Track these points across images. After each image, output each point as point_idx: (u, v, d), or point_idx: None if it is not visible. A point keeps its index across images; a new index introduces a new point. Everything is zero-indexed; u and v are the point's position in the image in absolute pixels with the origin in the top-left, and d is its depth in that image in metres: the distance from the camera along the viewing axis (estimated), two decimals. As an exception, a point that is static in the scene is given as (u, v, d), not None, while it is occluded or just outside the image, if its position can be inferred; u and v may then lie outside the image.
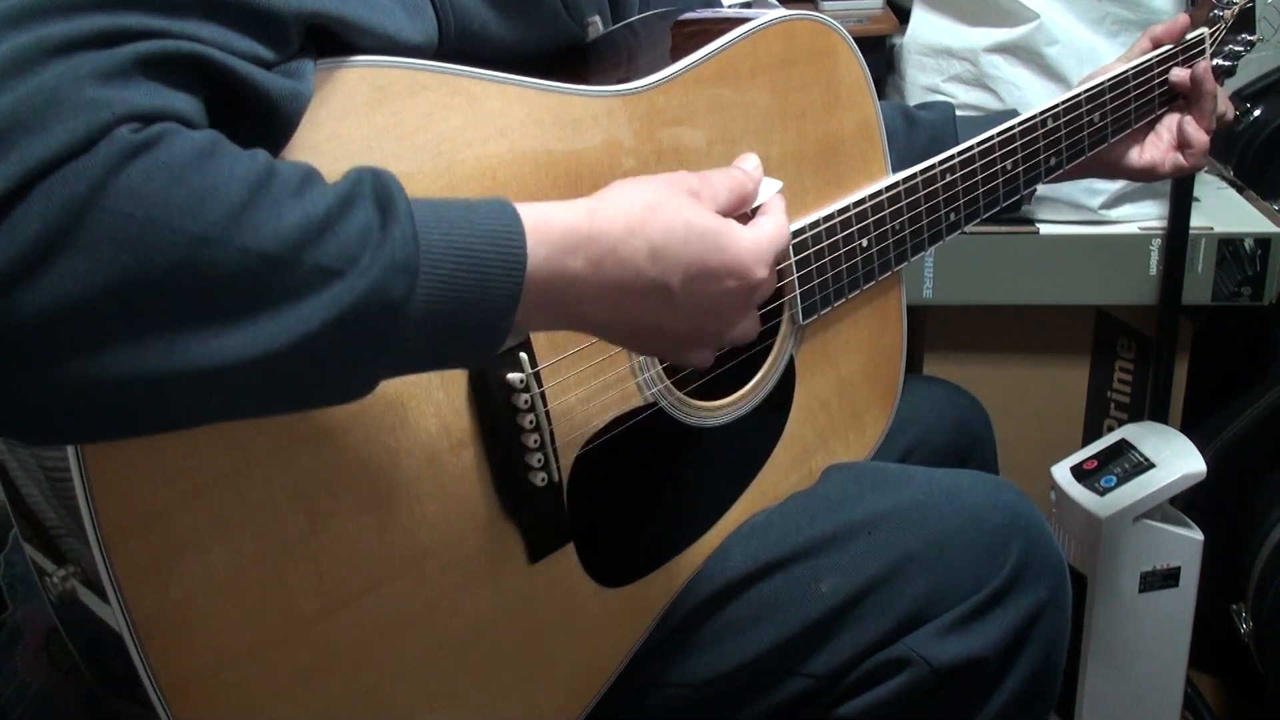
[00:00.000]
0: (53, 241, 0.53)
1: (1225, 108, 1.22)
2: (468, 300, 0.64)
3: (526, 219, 0.67)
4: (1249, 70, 1.86)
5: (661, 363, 0.92)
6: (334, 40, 0.69)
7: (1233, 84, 1.72)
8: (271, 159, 0.61)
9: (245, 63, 0.61)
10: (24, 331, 0.53)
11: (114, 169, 0.54)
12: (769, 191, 0.82)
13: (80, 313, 0.54)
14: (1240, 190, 1.77)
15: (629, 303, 0.72)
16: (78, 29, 0.55)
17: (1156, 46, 1.21)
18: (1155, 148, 1.23)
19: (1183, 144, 1.21)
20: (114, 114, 0.55)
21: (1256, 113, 1.87)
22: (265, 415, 0.66)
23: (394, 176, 0.64)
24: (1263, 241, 1.63)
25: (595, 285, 0.70)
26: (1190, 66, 1.21)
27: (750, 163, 0.82)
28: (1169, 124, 1.23)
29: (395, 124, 0.73)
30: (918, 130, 1.21)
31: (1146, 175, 1.24)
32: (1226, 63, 1.26)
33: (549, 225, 0.68)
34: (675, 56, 0.92)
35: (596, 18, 0.98)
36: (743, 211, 0.79)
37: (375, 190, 0.62)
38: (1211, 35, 1.24)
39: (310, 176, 0.61)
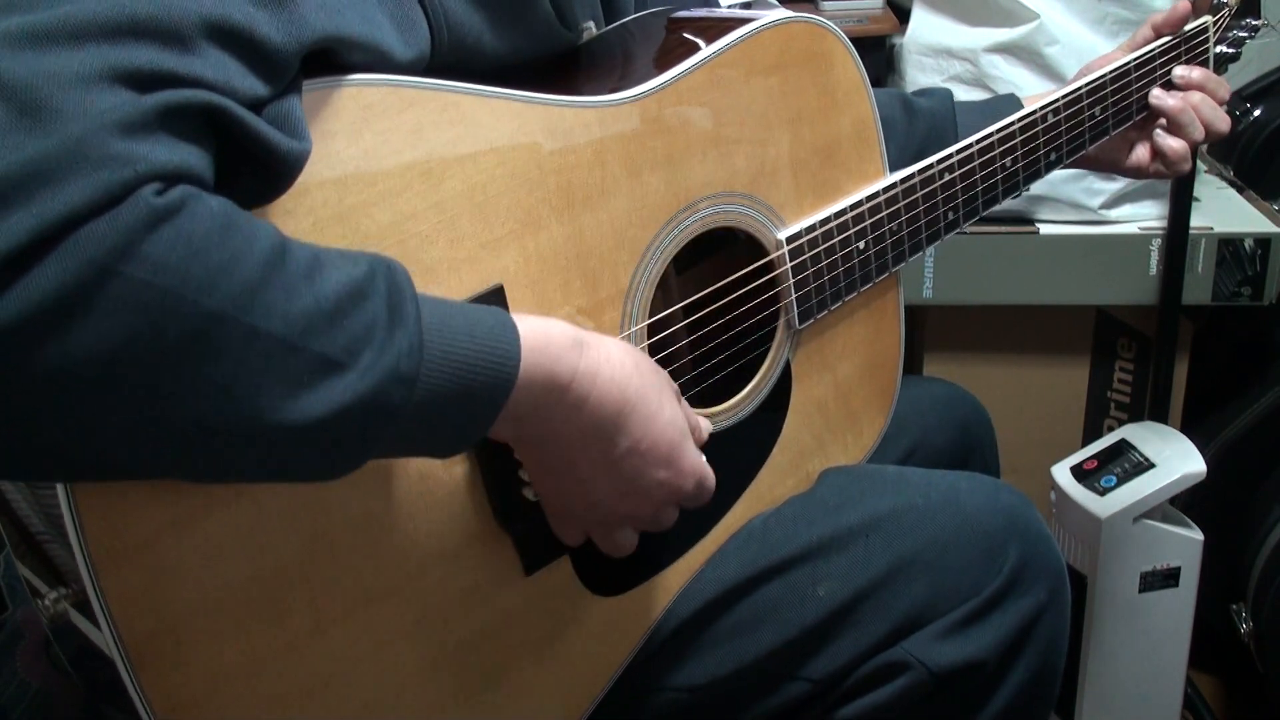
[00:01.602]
0: (70, 302, 0.53)
1: (1217, 120, 1.20)
2: (454, 412, 0.68)
3: (524, 337, 0.70)
4: (1249, 70, 1.86)
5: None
6: (323, 59, 0.69)
7: (1233, 84, 1.71)
8: (282, 235, 0.61)
9: (258, 119, 0.61)
10: (30, 384, 0.54)
11: (137, 236, 0.54)
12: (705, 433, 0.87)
13: (87, 375, 0.54)
14: (1240, 190, 1.77)
15: (577, 442, 0.76)
16: (92, 64, 0.55)
17: (1158, 35, 1.20)
18: (1141, 151, 1.22)
19: (1157, 153, 1.20)
20: (136, 172, 0.54)
21: (1256, 113, 1.87)
22: (244, 481, 0.68)
23: (405, 272, 0.66)
24: (1263, 241, 1.63)
25: (562, 415, 0.74)
26: (1192, 65, 1.20)
27: (705, 424, 0.87)
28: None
29: (383, 142, 0.73)
30: (917, 119, 1.21)
31: (1132, 175, 1.24)
32: (1231, 50, 1.25)
33: (548, 347, 0.72)
34: (670, 59, 0.92)
35: (590, 24, 0.98)
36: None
37: (388, 288, 0.64)
38: (1215, 23, 1.23)
39: (319, 259, 0.62)
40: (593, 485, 0.79)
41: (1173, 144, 1.18)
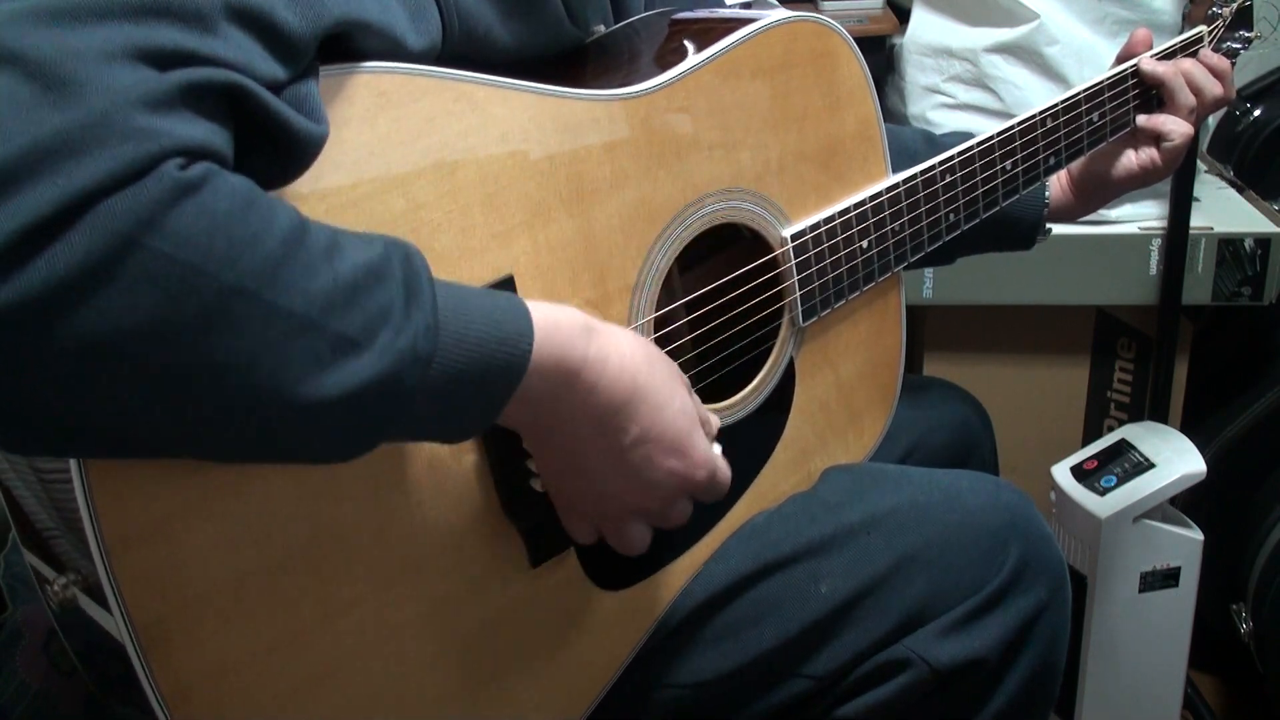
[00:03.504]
0: (94, 274, 0.53)
1: (1209, 84, 1.19)
2: (467, 396, 0.68)
3: (537, 323, 0.70)
4: (1249, 70, 1.86)
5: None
6: (338, 45, 0.69)
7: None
8: (301, 214, 0.61)
9: (278, 100, 0.61)
10: (52, 356, 0.54)
11: (161, 208, 0.54)
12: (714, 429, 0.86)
13: (108, 346, 0.54)
14: (1240, 190, 1.77)
15: (586, 427, 0.76)
16: (116, 41, 0.55)
17: (1122, 62, 1.20)
18: (1145, 151, 1.22)
19: (1159, 137, 1.20)
20: (161, 146, 0.55)
21: (1256, 113, 1.87)
22: (257, 461, 0.68)
23: (421, 255, 0.66)
24: (1263, 241, 1.63)
25: (569, 402, 0.74)
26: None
27: (713, 418, 0.86)
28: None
29: (397, 130, 0.73)
30: (937, 150, 1.21)
31: (1149, 175, 1.23)
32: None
33: (558, 330, 0.72)
34: (676, 57, 0.92)
35: (601, 26, 0.99)
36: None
37: (404, 271, 0.64)
38: (1210, 33, 1.24)
39: (336, 240, 0.62)
40: (602, 476, 0.79)
41: (1160, 119, 1.18)
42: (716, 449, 0.83)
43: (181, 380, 0.57)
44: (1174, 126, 1.17)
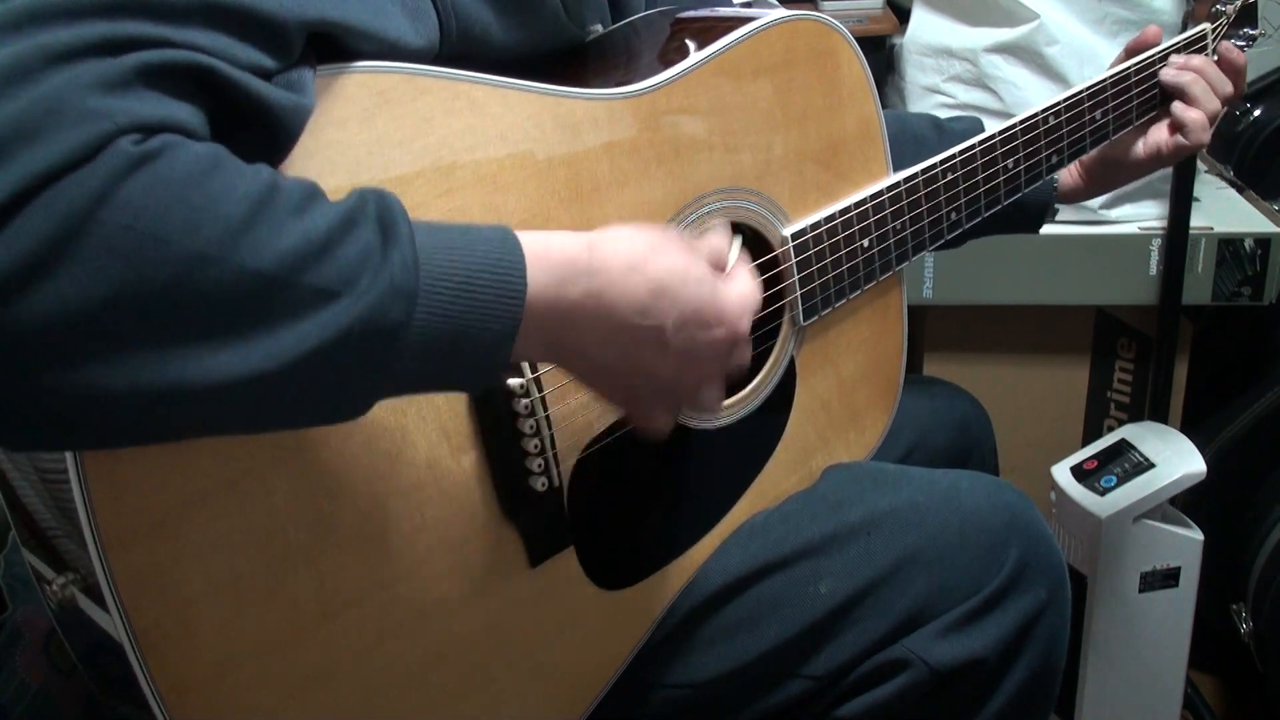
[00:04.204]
0: (51, 253, 0.53)
1: (1222, 83, 1.19)
2: (466, 328, 0.64)
3: (527, 247, 0.67)
4: (1249, 70, 1.86)
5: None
6: (334, 46, 0.69)
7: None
8: (276, 174, 0.60)
9: (248, 74, 0.61)
10: (19, 341, 0.53)
11: (114, 181, 0.54)
12: (734, 253, 0.83)
13: (75, 325, 0.54)
14: (1240, 190, 1.77)
15: (622, 338, 0.72)
16: (79, 36, 0.55)
17: (1129, 57, 1.20)
18: (1156, 135, 1.21)
19: (1177, 126, 1.19)
20: (115, 124, 0.55)
21: (1256, 113, 1.87)
22: (257, 432, 0.67)
23: (397, 199, 0.64)
24: (1263, 241, 1.63)
25: (592, 317, 0.70)
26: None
27: (718, 231, 0.83)
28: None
29: (395, 129, 0.73)
30: (946, 139, 1.21)
31: (1152, 164, 1.23)
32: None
33: (549, 254, 0.68)
34: (676, 56, 0.92)
35: (598, 26, 0.99)
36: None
37: (378, 212, 0.62)
38: (1214, 30, 1.24)
39: (312, 194, 0.61)
40: (655, 369, 0.75)
41: (1193, 114, 1.18)
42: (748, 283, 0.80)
43: (156, 353, 0.56)
44: (1199, 123, 1.18)
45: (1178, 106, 1.18)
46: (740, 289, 0.78)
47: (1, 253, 0.52)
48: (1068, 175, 1.26)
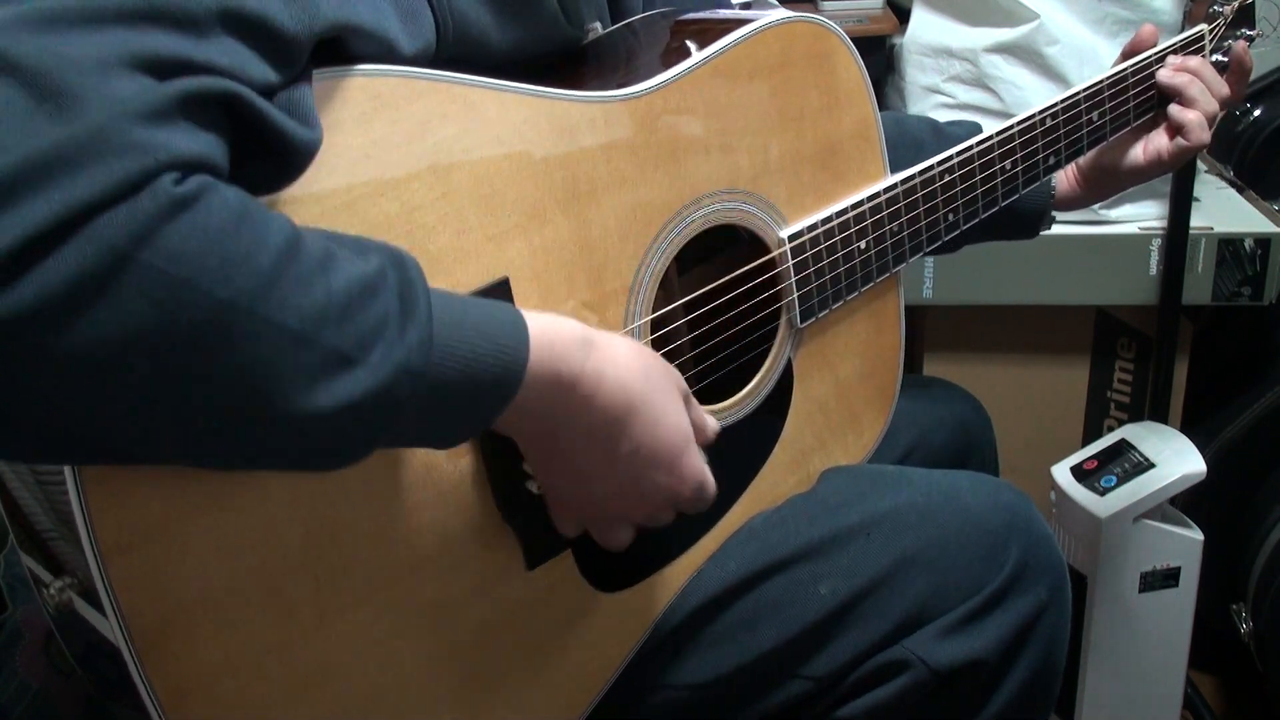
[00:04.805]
0: (88, 287, 0.53)
1: (1218, 84, 1.19)
2: (460, 408, 0.68)
3: (534, 340, 0.70)
4: (1248, 70, 1.86)
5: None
6: (330, 49, 0.69)
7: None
8: (296, 227, 0.61)
9: (271, 106, 0.61)
10: (45, 371, 0.54)
11: (155, 224, 0.54)
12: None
13: (101, 360, 0.55)
14: (1240, 190, 1.77)
15: (584, 441, 0.77)
16: (113, 50, 0.55)
17: (1128, 57, 1.20)
18: (1156, 139, 1.21)
19: (1175, 128, 1.19)
20: (157, 160, 0.55)
21: (1256, 113, 1.87)
22: (248, 469, 0.69)
23: (417, 265, 0.66)
24: (1263, 241, 1.63)
25: (569, 412, 0.75)
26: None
27: (713, 423, 0.87)
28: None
29: (392, 132, 0.73)
30: (944, 143, 1.21)
31: (1153, 169, 1.23)
32: (1225, 58, 1.25)
33: (555, 368, 0.72)
34: (674, 58, 0.92)
35: (597, 24, 0.98)
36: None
37: (399, 282, 0.64)
38: (1211, 31, 1.24)
39: (331, 253, 0.62)
40: (592, 482, 0.79)
41: (1190, 115, 1.18)
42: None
43: (173, 393, 0.57)
44: (1197, 122, 1.17)
45: (1174, 108, 1.18)
46: (705, 467, 0.83)
47: (37, 282, 0.52)
48: (1065, 182, 1.25)
